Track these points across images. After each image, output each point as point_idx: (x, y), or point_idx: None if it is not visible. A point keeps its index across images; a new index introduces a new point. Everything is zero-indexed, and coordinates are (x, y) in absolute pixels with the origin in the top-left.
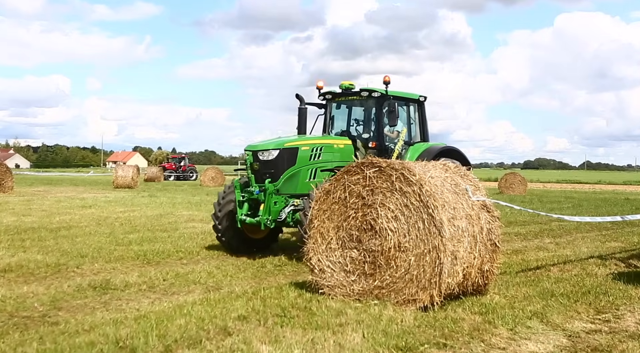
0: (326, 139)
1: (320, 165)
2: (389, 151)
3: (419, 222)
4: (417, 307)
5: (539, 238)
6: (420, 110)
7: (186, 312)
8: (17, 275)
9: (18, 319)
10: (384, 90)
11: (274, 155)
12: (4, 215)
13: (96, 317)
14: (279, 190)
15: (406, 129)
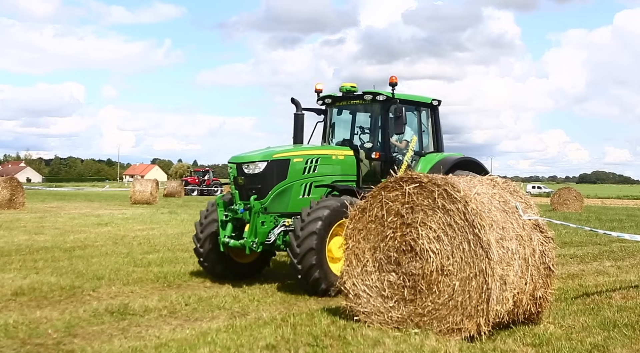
0: (324, 149)
1: (316, 180)
2: (396, 163)
3: (463, 243)
4: (462, 336)
5: (597, 261)
6: (433, 116)
7: (210, 340)
8: (29, 298)
9: (31, 347)
10: (390, 93)
11: (260, 168)
12: (15, 234)
13: (114, 345)
14: (267, 209)
15: (416, 138)
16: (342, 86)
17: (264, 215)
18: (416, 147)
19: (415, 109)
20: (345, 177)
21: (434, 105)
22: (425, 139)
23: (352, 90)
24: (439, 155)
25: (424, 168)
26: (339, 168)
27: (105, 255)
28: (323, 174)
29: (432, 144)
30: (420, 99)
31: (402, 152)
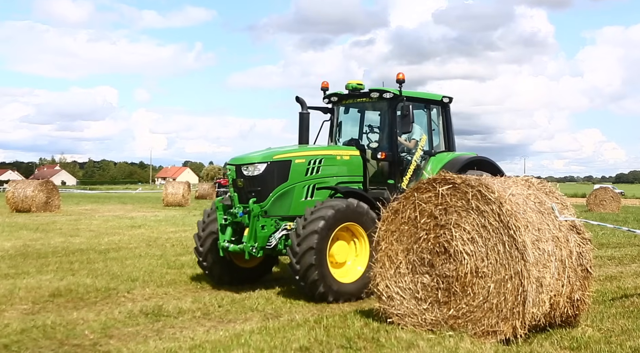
0: (328, 149)
1: (319, 182)
2: (405, 163)
3: (498, 245)
4: (497, 339)
5: (636, 262)
6: (444, 114)
7: (244, 342)
8: (66, 300)
9: (69, 347)
10: (397, 91)
11: (260, 169)
12: (51, 236)
13: (149, 346)
14: (267, 212)
15: (426, 137)
16: (348, 83)
17: (264, 218)
18: (426, 146)
19: (424, 107)
20: (351, 178)
21: (444, 103)
22: (436, 137)
23: (358, 87)
24: (450, 155)
25: (434, 168)
26: (345, 169)
27: (139, 257)
28: (327, 175)
29: (443, 143)
30: (430, 96)
31: (411, 152)
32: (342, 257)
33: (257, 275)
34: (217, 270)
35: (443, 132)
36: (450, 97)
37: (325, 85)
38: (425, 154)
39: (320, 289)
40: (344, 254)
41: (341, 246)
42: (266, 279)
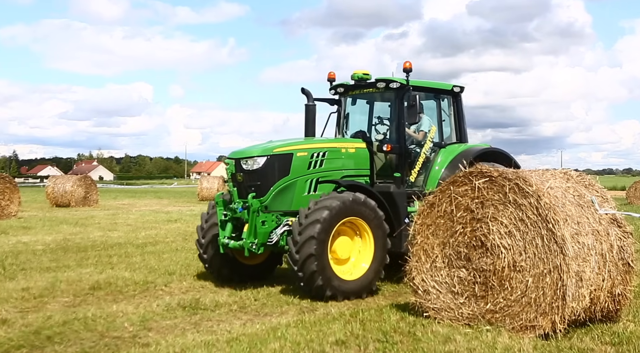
0: (332, 142)
1: (323, 175)
2: (413, 155)
3: (537, 239)
4: (536, 334)
5: None
6: (455, 104)
7: (280, 335)
8: (106, 293)
9: (109, 340)
10: (404, 80)
11: (259, 163)
12: (90, 230)
13: (187, 338)
14: (267, 207)
15: (435, 128)
16: (354, 74)
17: (264, 214)
18: (436, 137)
19: (434, 97)
20: (358, 171)
21: (455, 93)
22: (447, 129)
23: (364, 77)
24: (462, 146)
25: (444, 160)
26: (350, 162)
27: (176, 251)
28: (331, 168)
29: (455, 135)
30: (440, 85)
31: (419, 144)
32: (345, 253)
33: (261, 273)
34: (216, 264)
35: (454, 123)
36: (462, 87)
37: (332, 76)
38: (435, 146)
39: (318, 282)
40: (346, 250)
41: (344, 242)
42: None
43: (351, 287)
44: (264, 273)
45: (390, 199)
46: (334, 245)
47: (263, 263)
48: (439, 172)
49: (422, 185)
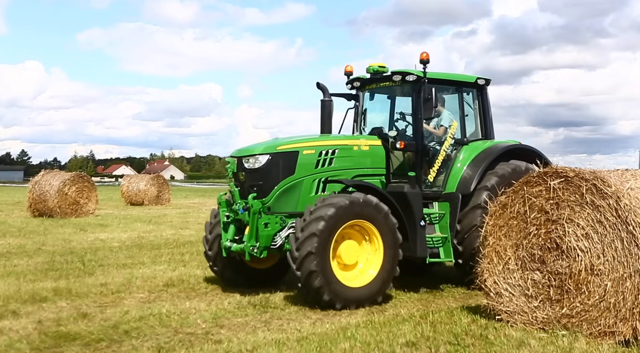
0: (343, 139)
1: (332, 174)
2: (431, 153)
3: (616, 241)
4: (615, 340)
5: None
6: (480, 97)
7: (350, 335)
8: (179, 290)
9: (183, 335)
10: (421, 72)
11: (261, 162)
12: (163, 228)
13: (258, 336)
14: (270, 208)
15: (457, 124)
16: (370, 66)
17: (267, 215)
18: (457, 134)
19: (456, 90)
20: (372, 171)
21: (480, 85)
22: (471, 124)
23: (380, 70)
24: (487, 143)
25: (466, 158)
26: (364, 160)
27: None
28: (341, 167)
29: (480, 130)
30: (462, 78)
31: (440, 141)
32: (351, 258)
33: (274, 277)
34: (228, 274)
35: (479, 118)
36: (487, 79)
37: (349, 69)
38: (457, 143)
39: (325, 297)
40: (353, 255)
41: (350, 246)
42: None
43: (353, 295)
44: (276, 278)
45: (404, 200)
46: (339, 248)
47: (274, 267)
48: (461, 170)
49: (442, 185)
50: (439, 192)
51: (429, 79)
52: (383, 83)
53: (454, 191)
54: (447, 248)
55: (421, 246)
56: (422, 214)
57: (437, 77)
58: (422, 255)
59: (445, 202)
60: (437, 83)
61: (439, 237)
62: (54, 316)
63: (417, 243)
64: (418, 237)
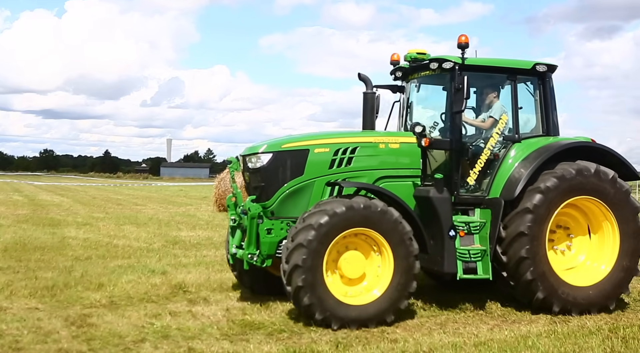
0: (365, 135)
1: (352, 176)
2: (472, 152)
3: None
4: None
5: None
6: (542, 87)
7: (531, 345)
8: None
9: (359, 333)
10: (459, 58)
11: (263, 161)
12: None
13: (434, 338)
14: (274, 213)
15: (507, 117)
16: (407, 54)
17: (270, 220)
18: (507, 129)
19: (509, 79)
20: (402, 171)
21: (540, 72)
22: (527, 117)
23: (419, 58)
24: (544, 140)
25: (517, 157)
26: (393, 160)
27: None
28: (362, 168)
29: (541, 125)
30: (514, 64)
31: (485, 137)
32: (355, 271)
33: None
34: (248, 280)
35: (540, 111)
36: (550, 65)
37: (395, 58)
38: (507, 140)
39: (317, 316)
40: (357, 268)
41: (354, 257)
42: None
43: (354, 314)
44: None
45: (429, 206)
46: (341, 259)
47: None
48: (508, 172)
49: (486, 189)
50: (481, 197)
51: (471, 66)
52: (424, 72)
53: (497, 196)
54: (486, 263)
55: (449, 260)
56: (452, 222)
57: (480, 64)
58: (451, 270)
59: (487, 209)
60: (480, 71)
61: (477, 250)
62: (240, 305)
63: (444, 257)
64: (446, 249)
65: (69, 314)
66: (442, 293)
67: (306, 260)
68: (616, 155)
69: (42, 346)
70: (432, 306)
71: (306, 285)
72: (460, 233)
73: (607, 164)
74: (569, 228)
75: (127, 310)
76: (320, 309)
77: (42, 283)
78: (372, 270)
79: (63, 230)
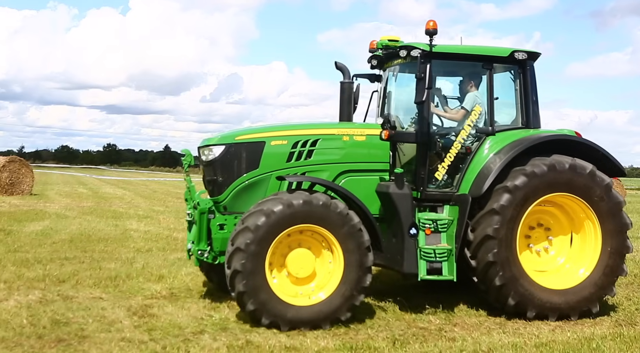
0: (328, 127)
1: (311, 169)
2: (442, 145)
3: None
4: None
5: None
6: (522, 76)
7: (595, 347)
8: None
9: (416, 330)
10: (427, 45)
11: (215, 154)
12: None
13: (493, 338)
14: (226, 207)
15: (481, 108)
16: (379, 41)
17: (223, 216)
18: (481, 121)
19: (483, 67)
20: (368, 165)
21: (519, 61)
22: (509, 109)
23: (390, 45)
24: (520, 133)
25: (490, 151)
26: (358, 153)
27: None
28: (324, 161)
29: (520, 117)
30: (488, 51)
31: (457, 129)
32: (304, 270)
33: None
34: (215, 277)
35: (520, 102)
36: (532, 52)
37: (372, 46)
38: (480, 133)
39: (263, 321)
40: (307, 267)
41: (302, 255)
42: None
43: (304, 315)
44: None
45: (388, 203)
46: (288, 259)
47: None
48: (479, 167)
49: (457, 185)
50: (450, 194)
51: (441, 54)
52: (398, 60)
53: (465, 193)
54: (451, 263)
55: (409, 259)
56: (412, 220)
57: (450, 51)
58: (410, 270)
59: (455, 206)
60: (450, 58)
61: (443, 249)
62: None
63: (404, 256)
64: (405, 248)
65: (131, 304)
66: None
67: (245, 265)
68: (600, 150)
69: (106, 335)
70: (490, 306)
71: (248, 290)
72: (426, 231)
73: (582, 156)
74: (550, 230)
75: (186, 302)
76: (266, 314)
77: (106, 274)
78: (324, 267)
79: (125, 222)
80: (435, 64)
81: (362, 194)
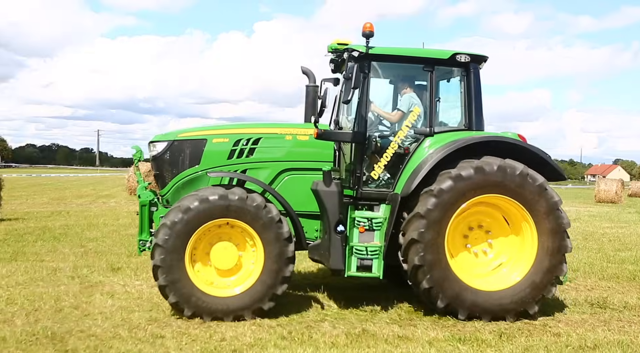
0: (271, 126)
1: (252, 167)
2: (379, 145)
3: None
4: None
5: None
6: (466, 79)
7: None
8: None
9: (521, 324)
10: (363, 46)
11: (158, 150)
12: None
13: (598, 335)
14: (169, 201)
15: (420, 110)
16: (330, 44)
17: (165, 209)
18: (419, 122)
19: (424, 69)
20: (310, 164)
21: (461, 63)
22: (453, 111)
23: (339, 48)
24: (456, 135)
25: (426, 152)
26: (300, 152)
27: (578, 250)
28: (264, 159)
29: (464, 118)
30: (428, 53)
31: (393, 130)
32: (229, 261)
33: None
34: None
35: (464, 104)
36: (475, 55)
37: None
38: (419, 134)
39: (186, 312)
40: (229, 259)
41: (225, 248)
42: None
43: (225, 305)
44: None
45: (318, 200)
46: (211, 252)
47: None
48: (413, 167)
49: (393, 184)
50: (386, 193)
51: (380, 56)
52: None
53: (398, 193)
54: (380, 262)
55: (335, 256)
56: (339, 217)
57: (389, 53)
58: (336, 267)
59: (389, 205)
60: (389, 60)
61: (374, 247)
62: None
63: (330, 252)
64: (332, 244)
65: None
66: (607, 291)
67: (165, 260)
68: (538, 153)
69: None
70: (597, 303)
71: (169, 284)
72: (360, 229)
73: (511, 154)
74: (490, 232)
75: (308, 293)
76: (187, 305)
77: None
78: (249, 258)
79: None
80: (382, 67)
81: (304, 192)
